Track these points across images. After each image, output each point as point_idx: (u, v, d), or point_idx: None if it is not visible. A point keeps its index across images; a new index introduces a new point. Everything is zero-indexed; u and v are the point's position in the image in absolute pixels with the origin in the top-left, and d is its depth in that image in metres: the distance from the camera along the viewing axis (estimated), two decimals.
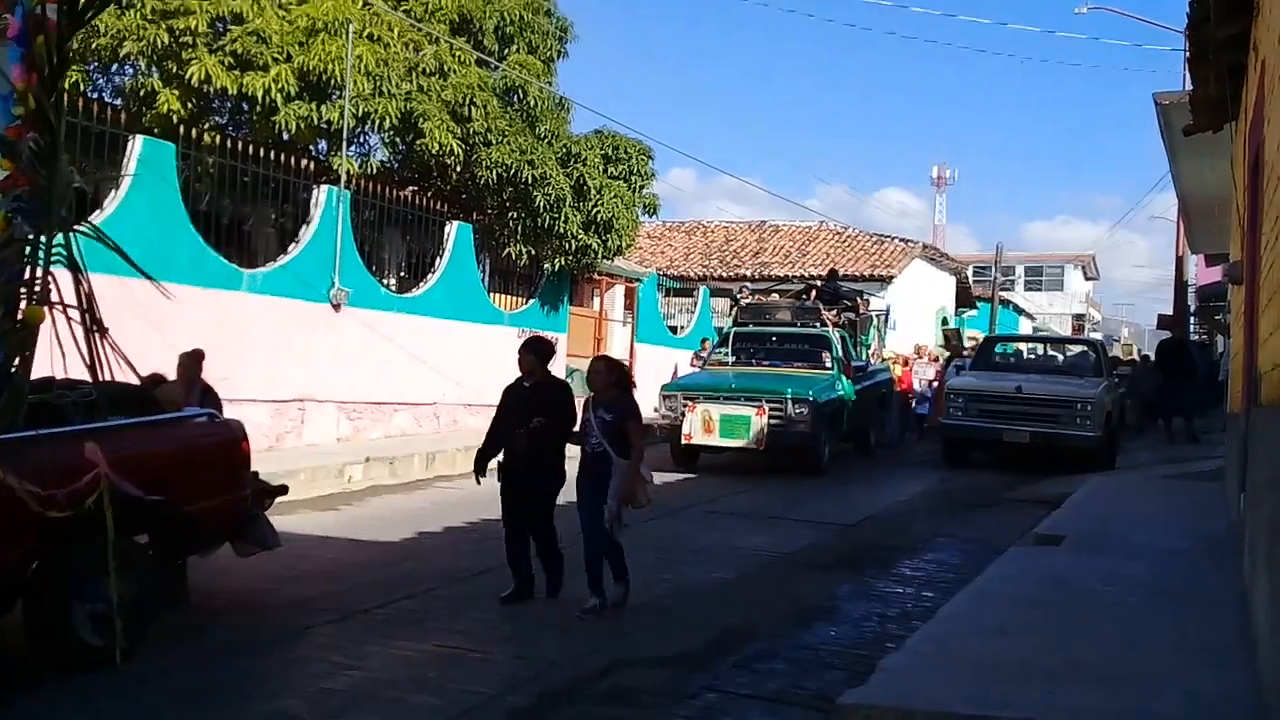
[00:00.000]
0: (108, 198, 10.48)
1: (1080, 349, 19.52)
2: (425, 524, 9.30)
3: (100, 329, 5.70)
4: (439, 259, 14.98)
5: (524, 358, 6.86)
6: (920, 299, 29.76)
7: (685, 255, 30.38)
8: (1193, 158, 10.90)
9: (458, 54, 14.32)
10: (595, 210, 15.60)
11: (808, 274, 24.42)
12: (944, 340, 20.89)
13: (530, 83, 15.22)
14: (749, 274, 26.66)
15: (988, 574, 7.10)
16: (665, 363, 19.47)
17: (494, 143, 14.51)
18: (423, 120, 13.53)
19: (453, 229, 15.13)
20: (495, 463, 6.79)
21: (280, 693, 4.97)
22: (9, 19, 5.24)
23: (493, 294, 16.48)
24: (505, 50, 15.43)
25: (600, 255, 16.56)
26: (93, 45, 12.45)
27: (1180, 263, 25.56)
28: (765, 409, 12.94)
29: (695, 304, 23.28)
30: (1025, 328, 43.83)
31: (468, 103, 14.11)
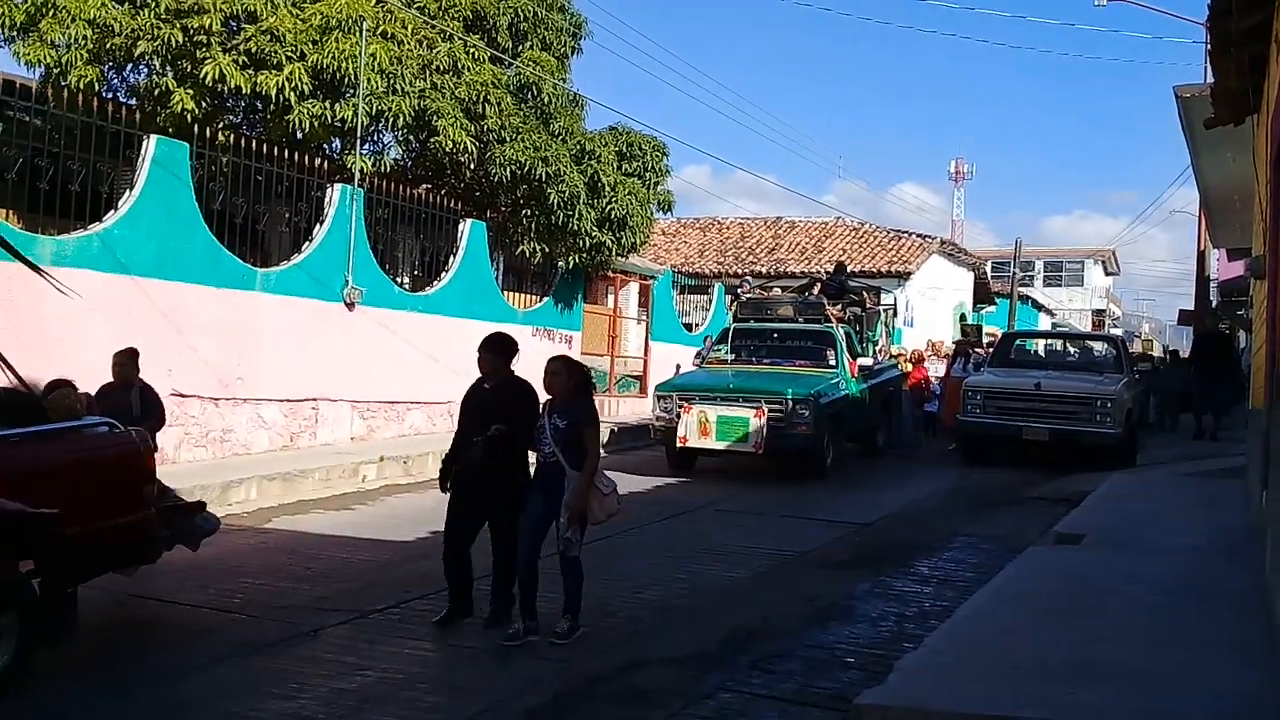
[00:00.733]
0: (122, 198, 10.50)
1: (1100, 345, 19.39)
2: (439, 523, 9.10)
3: None
4: (453, 257, 14.97)
5: (483, 357, 6.32)
6: (938, 295, 29.65)
7: (700, 252, 30.33)
8: (1214, 151, 10.80)
9: (472, 51, 14.30)
10: (610, 207, 15.56)
11: (824, 270, 24.22)
12: (962, 334, 20.77)
13: (544, 79, 15.19)
14: (765, 270, 26.57)
15: (1007, 573, 7.05)
16: (682, 360, 19.41)
17: (508, 140, 14.49)
18: (436, 118, 13.52)
19: (466, 227, 15.13)
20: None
21: (295, 693, 4.95)
22: None
23: (507, 292, 16.47)
24: (519, 47, 15.41)
25: (615, 252, 16.52)
26: (107, 45, 12.48)
27: (1202, 257, 25.34)
28: (764, 410, 12.26)
29: (710, 301, 23.22)
30: (1044, 324, 43.67)
31: (482, 100, 14.09)
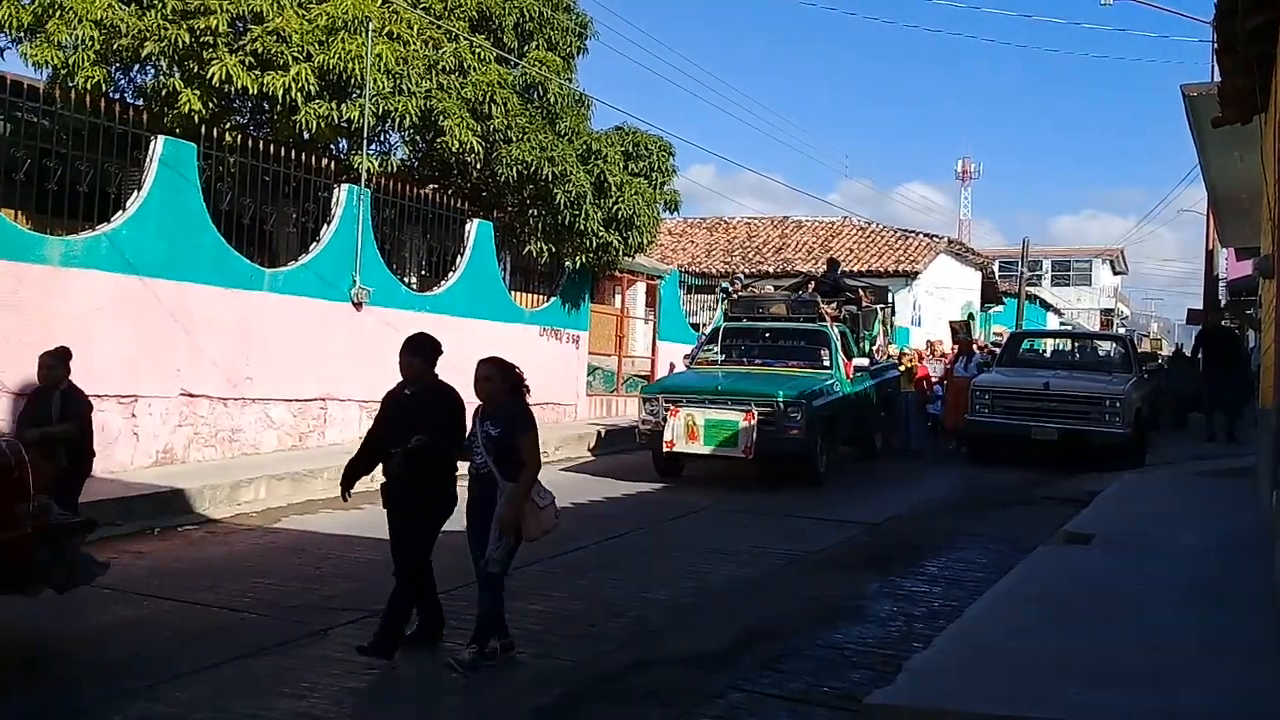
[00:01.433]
0: (130, 198, 10.52)
1: (1109, 344, 19.33)
2: (446, 523, 9.26)
3: None
4: (459, 257, 14.98)
5: (404, 359, 5.70)
6: (946, 295, 29.59)
7: (707, 252, 30.33)
8: (1221, 150, 10.77)
9: (477, 51, 14.30)
10: (616, 207, 15.55)
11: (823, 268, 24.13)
12: (951, 334, 20.61)
13: (550, 79, 15.20)
14: (772, 270, 26.53)
15: (1016, 573, 7.02)
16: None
17: (514, 140, 14.49)
18: (443, 118, 13.52)
19: (473, 227, 15.13)
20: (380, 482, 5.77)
21: (305, 692, 4.96)
22: None
23: (513, 292, 16.46)
24: (525, 47, 15.41)
25: (621, 252, 16.51)
26: (114, 46, 12.50)
27: (1210, 256, 25.24)
28: (754, 413, 11.66)
29: (717, 301, 23.17)
30: (1053, 323, 43.57)
31: (488, 100, 14.10)
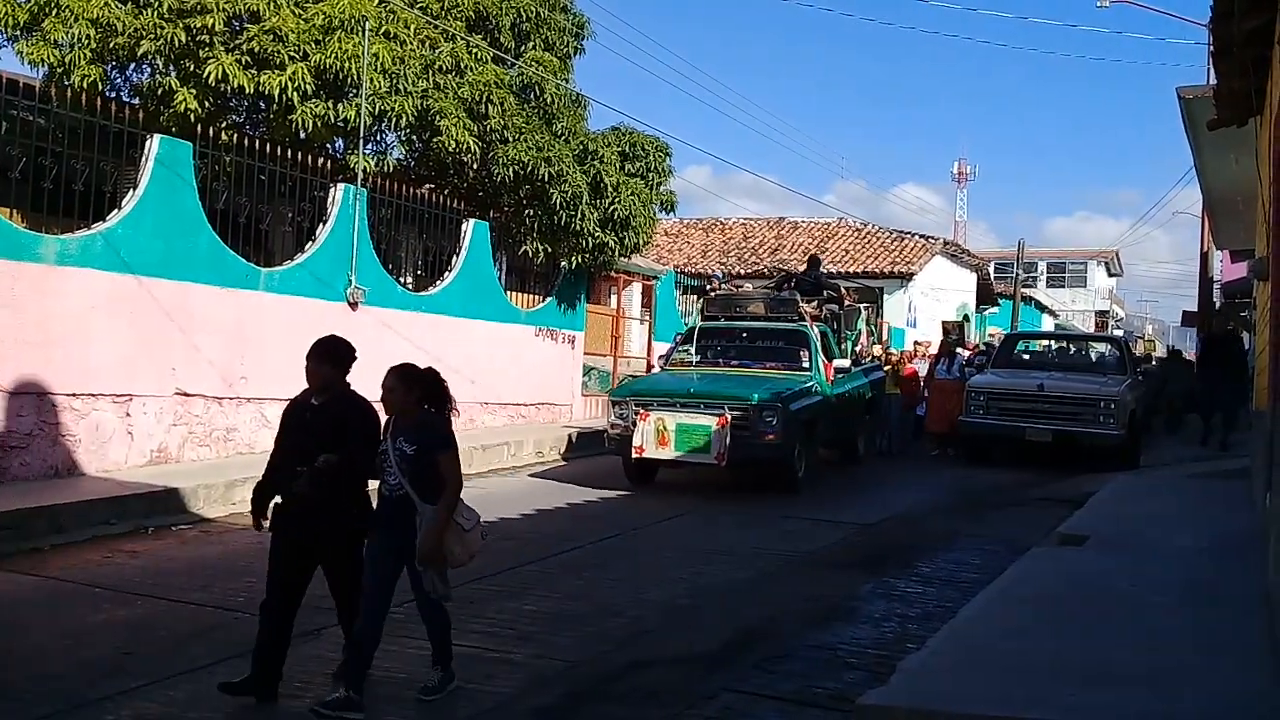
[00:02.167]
0: (126, 197, 10.50)
1: (1103, 346, 19.36)
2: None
3: None
4: (455, 257, 14.97)
5: (312, 365, 5.03)
6: (942, 296, 29.64)
7: (703, 252, 30.36)
8: (1217, 152, 10.79)
9: (474, 51, 14.30)
10: (612, 207, 15.55)
11: (828, 271, 24.10)
12: (943, 334, 20.67)
13: (547, 79, 15.19)
14: (767, 271, 26.55)
15: (1010, 574, 7.04)
16: None
17: (511, 140, 14.49)
18: (439, 118, 13.52)
19: (469, 227, 15.13)
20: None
21: (298, 691, 4.96)
22: None
23: (509, 292, 16.46)
24: (522, 47, 15.40)
25: (617, 253, 16.51)
26: (110, 44, 12.48)
27: (1205, 258, 25.29)
28: (728, 417, 11.07)
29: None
30: (1048, 325, 43.68)
31: (484, 100, 14.10)
